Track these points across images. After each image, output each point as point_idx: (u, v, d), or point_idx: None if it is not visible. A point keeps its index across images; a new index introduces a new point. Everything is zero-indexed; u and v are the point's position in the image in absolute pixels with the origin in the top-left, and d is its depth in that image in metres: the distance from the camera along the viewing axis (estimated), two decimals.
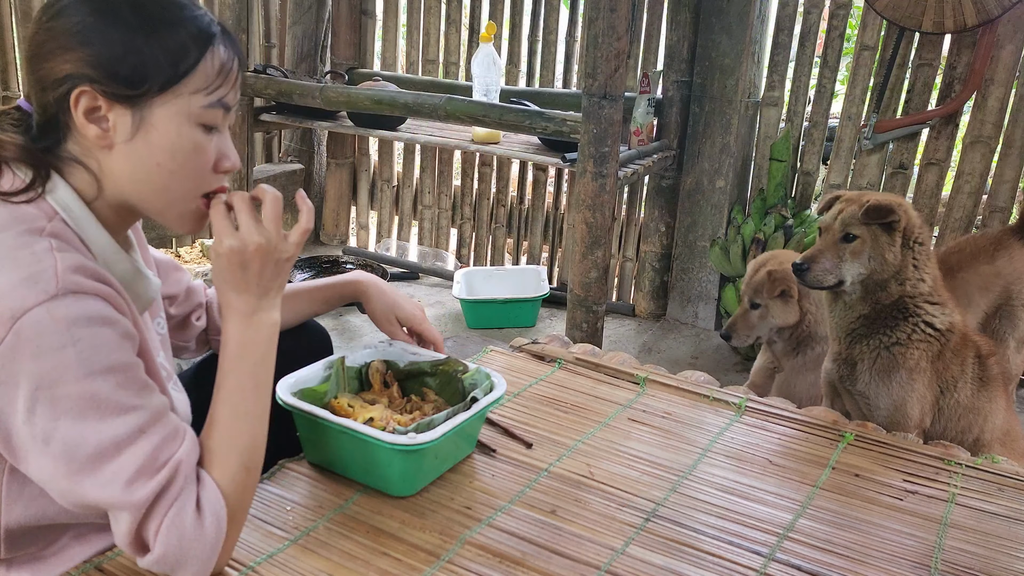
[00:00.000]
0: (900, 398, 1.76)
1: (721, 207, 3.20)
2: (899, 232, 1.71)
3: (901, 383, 1.76)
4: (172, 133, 0.96)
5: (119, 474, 0.87)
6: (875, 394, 1.79)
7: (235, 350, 1.01)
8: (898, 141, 3.01)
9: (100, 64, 0.92)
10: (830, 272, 1.75)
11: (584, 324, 2.65)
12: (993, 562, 1.16)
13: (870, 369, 1.78)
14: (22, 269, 0.87)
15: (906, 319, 1.76)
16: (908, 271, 1.74)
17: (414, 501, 1.19)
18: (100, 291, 0.90)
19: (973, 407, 1.82)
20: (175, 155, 0.97)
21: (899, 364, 1.75)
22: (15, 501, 0.97)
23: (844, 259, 1.74)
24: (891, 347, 1.76)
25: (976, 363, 1.83)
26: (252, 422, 1.00)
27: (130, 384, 0.90)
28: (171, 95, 0.95)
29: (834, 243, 1.75)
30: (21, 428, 0.86)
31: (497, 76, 3.23)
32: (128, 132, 0.95)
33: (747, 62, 3.07)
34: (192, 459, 0.94)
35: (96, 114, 0.94)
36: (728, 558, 1.12)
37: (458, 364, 1.37)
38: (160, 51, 0.94)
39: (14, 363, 0.84)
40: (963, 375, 1.81)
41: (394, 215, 4.05)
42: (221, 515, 0.93)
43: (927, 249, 1.76)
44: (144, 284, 1.06)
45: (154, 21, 0.94)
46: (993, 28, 2.71)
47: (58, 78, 0.93)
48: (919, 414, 1.78)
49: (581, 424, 1.46)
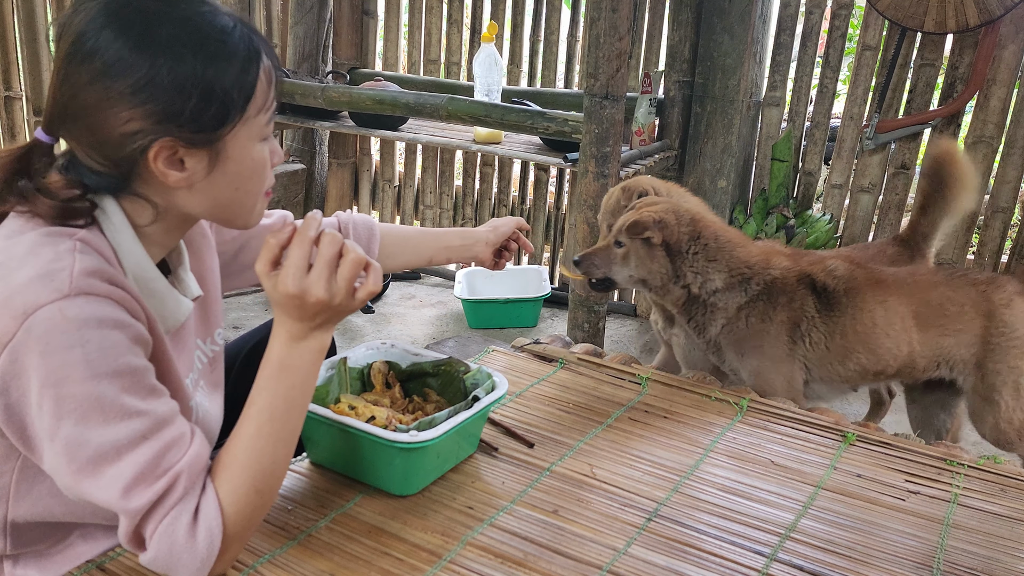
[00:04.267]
0: (755, 366, 1.83)
1: (723, 207, 3.20)
2: (658, 246, 1.80)
3: (749, 353, 1.84)
4: (246, 158, 0.97)
5: (117, 479, 0.87)
6: (737, 369, 1.89)
7: (275, 368, 0.98)
8: (900, 141, 3.01)
9: (178, 116, 0.90)
10: (598, 268, 1.88)
11: (586, 324, 2.65)
12: (995, 563, 1.16)
13: (727, 349, 1.88)
14: (40, 266, 0.87)
15: (713, 312, 1.86)
16: (687, 277, 1.83)
17: (416, 501, 1.19)
18: (113, 294, 0.90)
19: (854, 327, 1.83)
20: (249, 176, 0.99)
21: (741, 336, 1.84)
22: (23, 497, 0.97)
23: (614, 261, 1.86)
24: (726, 326, 1.85)
25: (818, 295, 1.85)
26: (275, 444, 0.96)
27: (136, 389, 0.89)
28: (241, 124, 0.95)
29: (608, 245, 1.88)
30: (35, 420, 0.87)
31: (499, 76, 3.23)
32: (205, 170, 0.95)
33: (749, 62, 3.07)
34: (196, 468, 0.92)
35: (173, 159, 0.93)
36: (730, 558, 1.12)
37: (460, 364, 1.37)
38: (230, 86, 0.92)
39: (25, 357, 0.85)
40: (806, 316, 1.84)
41: (396, 215, 4.05)
42: (215, 532, 0.91)
43: (711, 251, 1.82)
44: (174, 304, 1.04)
45: (218, 57, 0.91)
46: (995, 28, 2.70)
47: (128, 134, 0.90)
48: (784, 379, 1.81)
49: (583, 424, 1.46)
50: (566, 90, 3.52)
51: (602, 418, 1.49)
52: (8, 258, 0.89)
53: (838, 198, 3.16)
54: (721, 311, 1.83)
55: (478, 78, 3.22)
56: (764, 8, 3.09)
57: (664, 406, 1.55)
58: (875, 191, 3.08)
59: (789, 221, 3.06)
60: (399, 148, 4.14)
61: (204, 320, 1.17)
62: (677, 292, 1.84)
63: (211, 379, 1.20)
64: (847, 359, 1.83)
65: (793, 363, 1.84)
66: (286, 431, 0.98)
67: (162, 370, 0.99)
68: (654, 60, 3.35)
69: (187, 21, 0.90)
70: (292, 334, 0.98)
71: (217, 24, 0.92)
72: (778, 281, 1.82)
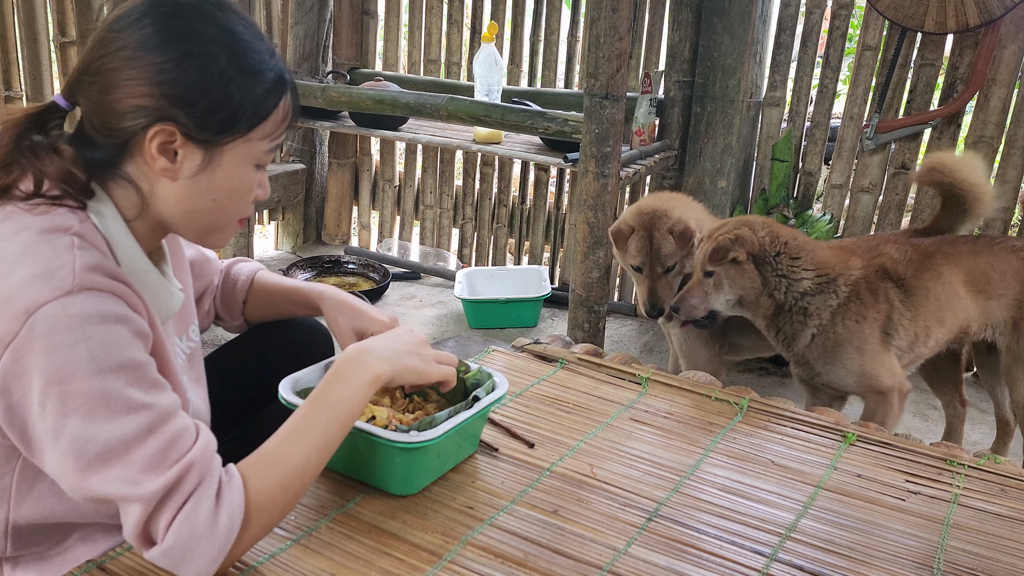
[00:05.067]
0: (858, 368, 1.83)
1: (723, 207, 3.19)
2: (746, 262, 1.84)
3: (849, 356, 1.86)
4: (235, 175, 0.99)
5: (127, 472, 0.87)
6: (835, 377, 1.90)
7: (331, 376, 1.05)
8: (900, 141, 3.00)
9: (190, 107, 0.93)
10: (697, 307, 1.91)
11: (586, 324, 2.65)
12: (996, 563, 1.16)
13: (818, 360, 1.90)
14: (40, 264, 0.88)
15: (804, 319, 1.88)
16: (772, 283, 1.87)
17: (416, 501, 1.19)
18: (115, 289, 0.91)
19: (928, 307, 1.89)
20: (231, 193, 1.01)
21: (837, 342, 1.85)
22: (24, 498, 0.97)
23: (709, 293, 1.90)
24: (818, 335, 1.88)
25: (897, 285, 1.90)
26: (308, 448, 0.99)
27: (141, 382, 0.90)
28: (243, 140, 0.97)
29: (699, 280, 1.92)
30: (36, 421, 0.87)
31: (499, 76, 3.23)
32: (195, 169, 0.97)
33: (749, 62, 3.07)
34: (206, 458, 0.92)
35: (168, 147, 0.95)
36: (730, 558, 1.12)
37: (460, 364, 1.36)
38: (249, 100, 0.95)
39: (27, 356, 0.85)
40: (895, 307, 1.87)
41: (396, 215, 4.05)
42: (236, 517, 0.91)
43: (793, 249, 1.88)
44: (167, 296, 1.06)
45: (247, 70, 0.95)
46: (995, 28, 2.70)
47: (137, 107, 0.92)
48: (888, 371, 1.83)
49: (583, 424, 1.46)
50: (566, 90, 3.52)
51: (602, 418, 1.49)
52: (3, 259, 0.89)
53: (838, 198, 3.16)
54: (813, 318, 1.86)
55: (478, 78, 3.22)
56: (764, 8, 3.09)
57: (664, 406, 1.55)
58: (875, 191, 3.09)
59: (789, 221, 3.06)
60: (399, 148, 4.14)
61: (181, 315, 1.19)
62: (766, 303, 1.87)
63: (192, 374, 1.21)
64: (928, 337, 1.90)
65: (891, 354, 1.88)
66: (321, 438, 1.00)
67: (161, 363, 0.99)
68: (654, 60, 3.35)
69: (232, 31, 0.95)
70: (365, 347, 1.07)
71: (257, 47, 0.97)
72: (863, 279, 1.87)
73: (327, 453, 1.01)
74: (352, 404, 1.03)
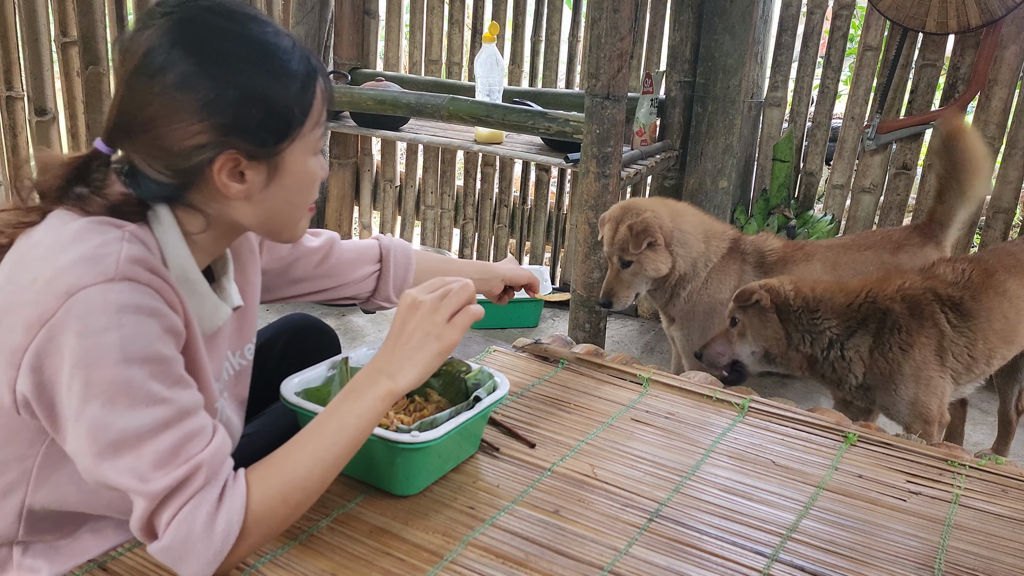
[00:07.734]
0: (911, 395, 1.79)
1: (724, 208, 3.20)
2: (770, 311, 1.82)
3: (905, 387, 1.80)
4: (300, 172, 1.01)
5: (136, 464, 0.88)
6: (890, 404, 1.85)
7: (345, 392, 1.04)
8: (901, 142, 3.00)
9: (243, 130, 0.94)
10: (722, 354, 1.90)
11: (587, 324, 2.65)
12: (996, 563, 1.16)
13: (878, 389, 1.84)
14: (88, 249, 0.90)
15: (846, 363, 1.85)
16: (795, 338, 1.84)
17: (417, 501, 1.20)
18: (154, 283, 0.92)
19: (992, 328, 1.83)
20: (300, 189, 1.02)
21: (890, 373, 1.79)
22: (43, 484, 0.99)
23: (733, 341, 1.89)
24: (867, 377, 1.84)
25: (949, 309, 1.85)
26: (312, 461, 0.98)
27: (164, 377, 0.91)
28: (299, 138, 0.99)
29: (724, 328, 1.92)
30: (63, 399, 0.89)
31: (500, 76, 3.23)
32: (263, 182, 0.99)
33: (750, 62, 3.07)
34: (216, 461, 0.93)
35: (235, 171, 0.96)
36: (731, 559, 1.12)
37: (461, 365, 1.37)
38: (291, 101, 0.96)
39: (62, 336, 0.87)
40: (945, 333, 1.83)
41: (397, 215, 4.05)
42: (235, 525, 0.91)
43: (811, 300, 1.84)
44: (212, 308, 1.07)
45: (280, 73, 0.95)
46: (997, 28, 2.70)
47: (196, 146, 0.93)
48: (939, 401, 1.80)
49: (584, 424, 1.46)
50: (567, 90, 3.52)
51: (603, 418, 1.49)
52: (55, 241, 0.92)
53: (839, 199, 3.16)
54: (855, 363, 1.83)
55: (479, 78, 3.22)
56: (765, 8, 3.09)
57: (665, 406, 1.56)
58: (876, 192, 3.08)
59: (790, 222, 3.06)
60: (400, 148, 4.14)
61: (238, 332, 1.20)
62: (796, 358, 1.85)
63: (235, 391, 1.21)
64: (992, 358, 1.85)
65: (945, 379, 1.84)
66: (327, 452, 0.99)
67: (193, 365, 1.00)
68: (655, 60, 3.35)
69: (252, 41, 0.95)
70: (376, 364, 1.05)
71: (280, 45, 0.96)
72: (903, 309, 1.81)
73: (333, 468, 1.00)
74: (363, 420, 1.02)
